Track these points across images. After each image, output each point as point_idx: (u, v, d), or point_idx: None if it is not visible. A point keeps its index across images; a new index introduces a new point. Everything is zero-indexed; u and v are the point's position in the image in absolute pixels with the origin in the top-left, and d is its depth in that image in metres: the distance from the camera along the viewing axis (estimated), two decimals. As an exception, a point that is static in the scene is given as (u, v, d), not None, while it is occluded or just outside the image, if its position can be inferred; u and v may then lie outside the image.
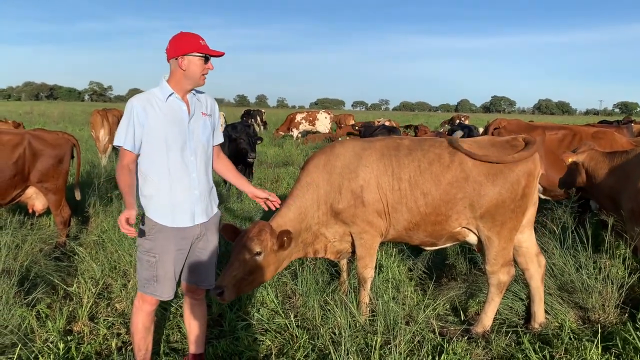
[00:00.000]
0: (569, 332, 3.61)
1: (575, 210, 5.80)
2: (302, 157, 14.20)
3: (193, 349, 3.27)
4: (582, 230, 4.54)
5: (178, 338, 3.72)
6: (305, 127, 21.26)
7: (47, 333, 3.60)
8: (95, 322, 3.83)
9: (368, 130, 10.51)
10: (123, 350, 3.49)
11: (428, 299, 4.08)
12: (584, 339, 3.50)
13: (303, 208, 3.76)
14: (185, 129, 2.95)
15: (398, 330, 3.46)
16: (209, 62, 2.95)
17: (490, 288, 3.77)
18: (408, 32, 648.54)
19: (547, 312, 3.93)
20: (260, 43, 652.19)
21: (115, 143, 2.90)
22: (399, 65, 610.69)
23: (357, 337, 3.52)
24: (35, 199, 5.77)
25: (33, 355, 3.26)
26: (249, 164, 8.60)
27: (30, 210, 5.86)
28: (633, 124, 10.62)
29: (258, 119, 24.96)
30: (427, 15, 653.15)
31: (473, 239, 3.82)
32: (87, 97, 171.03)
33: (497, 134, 6.70)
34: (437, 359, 3.31)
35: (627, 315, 3.96)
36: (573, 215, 5.41)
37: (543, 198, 6.07)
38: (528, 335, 3.55)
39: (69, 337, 3.58)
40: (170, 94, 2.92)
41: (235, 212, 7.10)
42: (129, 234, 2.82)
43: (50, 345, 3.41)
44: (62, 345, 3.37)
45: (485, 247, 3.70)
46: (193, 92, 3.02)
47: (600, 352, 3.27)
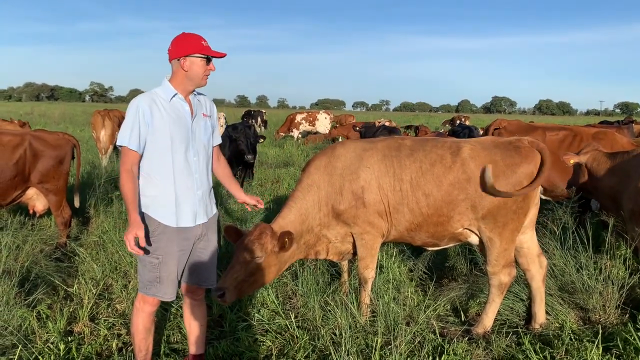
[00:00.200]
0: (570, 332, 3.60)
1: (576, 211, 5.79)
2: (302, 157, 14.20)
3: (193, 350, 3.27)
4: (582, 231, 4.54)
5: (178, 339, 3.72)
6: (305, 127, 21.26)
7: (47, 334, 3.60)
8: (96, 322, 3.83)
9: (369, 131, 10.48)
10: (124, 351, 3.49)
11: (428, 300, 4.07)
12: (585, 340, 3.49)
13: (304, 210, 3.75)
14: (189, 130, 2.96)
15: (398, 331, 3.46)
16: (211, 63, 2.95)
17: (491, 289, 3.77)
18: (408, 32, 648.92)
19: (547, 312, 3.92)
20: (261, 43, 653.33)
21: (119, 143, 2.85)
22: (400, 66, 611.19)
23: (357, 337, 3.52)
24: (36, 200, 5.77)
25: (33, 356, 3.26)
26: (249, 165, 8.60)
27: (31, 211, 5.86)
28: (634, 124, 10.62)
29: (259, 120, 25.00)
30: (427, 16, 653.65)
31: (475, 240, 3.82)
32: (87, 97, 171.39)
33: (497, 135, 6.70)
34: (437, 360, 3.31)
35: (627, 316, 3.96)
36: (573, 216, 5.40)
37: (543, 198, 6.06)
38: (529, 336, 3.55)
39: (70, 337, 3.58)
40: (174, 95, 2.93)
41: (235, 212, 7.10)
42: (137, 253, 2.80)
43: (51, 346, 3.41)
44: (62, 346, 3.38)
45: (487, 248, 3.70)
46: (194, 93, 3.04)
47: (601, 352, 3.26)
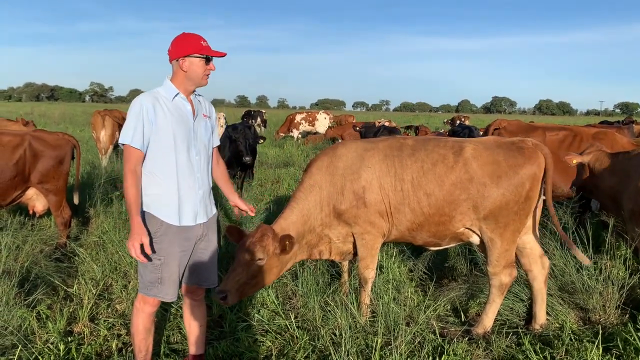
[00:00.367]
0: (570, 333, 3.60)
1: (576, 211, 5.79)
2: (302, 157, 14.19)
3: (193, 350, 3.27)
4: (582, 231, 4.54)
5: (178, 339, 3.72)
6: (305, 127, 21.26)
7: (47, 334, 3.60)
8: (96, 323, 3.83)
9: (369, 131, 10.47)
10: (123, 352, 3.49)
11: (428, 300, 4.07)
12: (585, 340, 3.49)
13: (306, 210, 3.76)
14: (191, 129, 2.98)
15: (398, 331, 3.46)
16: (211, 62, 2.96)
17: (492, 289, 3.76)
18: (408, 32, 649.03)
19: (547, 313, 3.92)
20: (261, 43, 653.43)
21: (122, 141, 2.84)
22: (400, 66, 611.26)
23: (357, 338, 3.52)
24: (36, 200, 5.77)
25: (33, 357, 3.25)
26: (248, 165, 8.60)
27: (31, 211, 5.85)
28: (634, 125, 10.62)
29: (258, 120, 24.99)
30: (427, 16, 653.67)
31: (476, 240, 3.82)
32: (87, 97, 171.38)
33: (497, 135, 6.70)
34: (437, 360, 3.31)
35: (627, 316, 3.95)
36: (574, 216, 5.40)
37: (543, 199, 6.06)
38: (529, 336, 3.55)
39: (70, 338, 3.57)
40: (176, 94, 2.95)
41: (234, 213, 7.09)
42: (142, 261, 2.80)
43: (51, 346, 3.41)
44: (62, 346, 3.37)
45: (488, 248, 3.69)
46: (195, 93, 3.06)
47: (601, 353, 3.26)
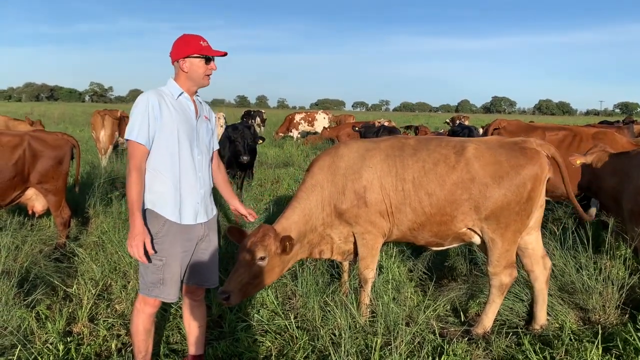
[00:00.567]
0: (570, 333, 3.60)
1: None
2: (302, 157, 14.18)
3: (193, 351, 3.27)
4: (582, 231, 4.54)
5: (178, 339, 3.72)
6: (305, 127, 21.26)
7: (46, 334, 3.59)
8: (95, 323, 3.82)
9: (369, 131, 10.46)
10: (123, 352, 3.49)
11: (428, 300, 4.07)
12: (585, 340, 3.49)
13: (308, 210, 3.77)
14: (194, 128, 3.00)
15: (398, 332, 3.45)
16: (212, 62, 2.97)
17: (492, 289, 3.76)
18: (408, 32, 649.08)
19: (547, 313, 3.91)
20: (261, 43, 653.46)
21: (127, 136, 2.83)
22: (400, 66, 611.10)
23: (357, 338, 3.52)
24: (35, 200, 5.76)
25: (32, 357, 3.25)
26: (247, 165, 8.62)
27: (30, 212, 5.85)
28: (634, 124, 10.61)
29: (258, 120, 24.98)
30: (427, 16, 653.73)
31: (478, 241, 3.81)
32: (87, 98, 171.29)
33: (496, 135, 6.68)
34: (437, 360, 3.31)
35: (627, 316, 3.95)
36: (573, 216, 5.40)
37: (546, 199, 6.05)
38: (528, 337, 3.54)
39: (69, 338, 3.57)
40: (181, 93, 2.97)
41: (235, 216, 7.08)
42: (144, 262, 2.79)
43: (50, 347, 3.40)
44: (61, 347, 3.37)
45: (489, 248, 3.69)
46: (197, 95, 3.09)
47: (601, 353, 3.26)
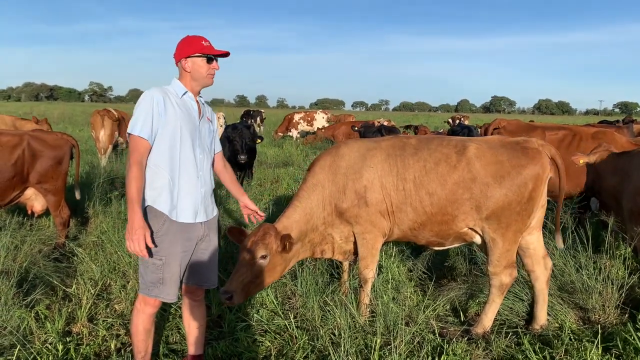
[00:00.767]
0: (569, 332, 3.60)
1: (576, 211, 5.79)
2: (302, 157, 14.17)
3: (192, 350, 3.27)
4: (582, 231, 4.54)
5: (177, 339, 3.71)
6: (304, 127, 21.26)
7: (46, 334, 3.59)
8: (95, 323, 3.82)
9: (368, 131, 10.44)
10: (122, 352, 3.48)
11: (428, 300, 4.07)
12: (584, 340, 3.49)
13: (309, 209, 3.77)
14: (196, 128, 3.01)
15: (398, 331, 3.45)
16: (214, 62, 2.98)
17: (492, 289, 3.75)
18: (408, 32, 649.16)
19: (547, 312, 3.91)
20: (261, 43, 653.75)
21: (129, 131, 2.82)
22: (399, 66, 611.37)
23: (356, 338, 3.51)
24: (35, 200, 5.76)
25: (32, 357, 3.24)
26: (246, 165, 8.62)
27: (30, 211, 5.84)
28: (634, 124, 10.62)
29: (258, 119, 24.98)
30: (427, 16, 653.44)
31: (479, 240, 3.80)
32: (87, 97, 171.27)
33: (496, 135, 6.68)
34: (437, 360, 3.30)
35: (627, 316, 3.95)
36: (573, 216, 5.40)
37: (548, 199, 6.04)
38: (528, 336, 3.54)
39: (68, 338, 3.56)
40: (185, 92, 2.99)
41: (234, 212, 7.09)
42: (144, 257, 2.78)
43: (49, 347, 3.40)
44: (61, 347, 3.36)
45: (489, 248, 3.68)
46: (200, 96, 3.10)
47: (601, 352, 3.26)
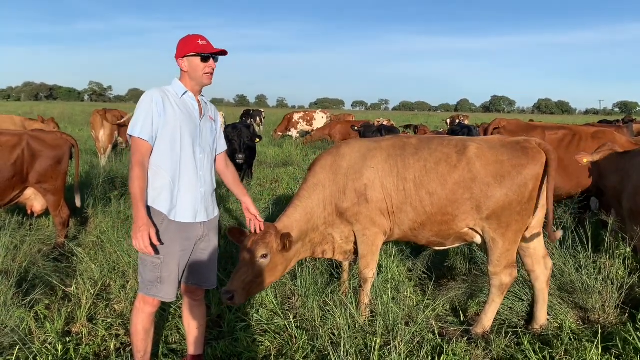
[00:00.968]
0: (569, 332, 3.60)
1: (575, 210, 5.79)
2: (301, 157, 14.17)
3: (192, 350, 3.26)
4: (582, 231, 4.53)
5: (177, 339, 3.71)
6: (303, 127, 21.26)
7: (45, 334, 3.58)
8: (94, 323, 3.81)
9: (368, 130, 10.44)
10: (122, 352, 3.48)
11: (428, 300, 4.07)
12: (584, 340, 3.49)
13: (309, 208, 3.78)
14: (197, 127, 3.00)
15: (397, 331, 3.45)
16: (210, 60, 2.96)
17: (492, 289, 3.75)
18: (408, 32, 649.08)
19: (547, 312, 3.91)
20: (261, 43, 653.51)
21: (130, 132, 2.84)
22: (399, 65, 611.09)
23: (356, 338, 3.51)
24: (34, 200, 5.76)
25: (31, 357, 3.24)
26: (245, 164, 8.63)
27: (29, 211, 5.84)
28: (633, 123, 10.62)
29: (257, 119, 24.98)
30: (427, 15, 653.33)
31: (480, 240, 3.80)
32: (86, 97, 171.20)
33: (496, 134, 6.68)
34: (436, 360, 3.30)
35: (627, 316, 3.95)
36: (573, 215, 5.40)
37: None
38: (528, 336, 3.54)
39: (68, 338, 3.56)
40: (185, 92, 2.99)
41: (235, 212, 7.09)
42: (149, 253, 2.78)
43: (49, 347, 3.39)
44: (60, 347, 3.36)
45: (489, 248, 3.68)
46: (202, 95, 3.10)
47: (601, 352, 3.26)
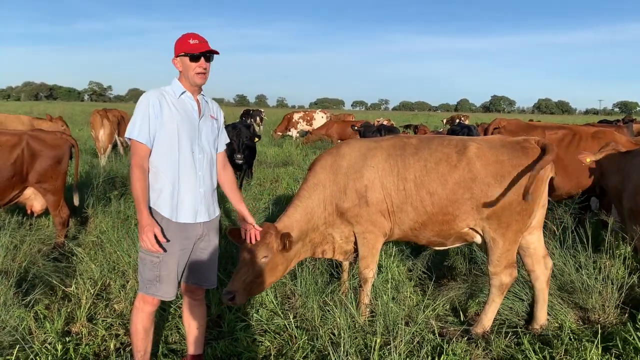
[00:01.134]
0: (569, 332, 3.60)
1: (576, 210, 5.79)
2: (301, 157, 14.17)
3: (192, 350, 3.26)
4: (582, 230, 4.53)
5: (177, 339, 3.71)
6: (303, 127, 21.26)
7: (45, 334, 3.58)
8: (94, 323, 3.81)
9: (368, 130, 10.43)
10: (121, 352, 3.48)
11: (428, 300, 4.06)
12: (584, 340, 3.49)
13: (310, 208, 3.78)
14: (195, 128, 3.00)
15: (397, 331, 3.45)
16: (201, 60, 2.93)
17: (492, 289, 3.75)
18: (408, 31, 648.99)
19: (547, 312, 3.90)
20: (260, 43, 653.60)
21: (127, 135, 2.88)
22: (399, 65, 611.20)
23: (356, 337, 3.51)
24: (34, 200, 5.75)
25: (31, 357, 3.24)
26: (245, 164, 8.63)
27: (29, 211, 5.84)
28: (633, 123, 10.61)
29: (257, 119, 24.98)
30: (427, 15, 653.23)
31: (480, 240, 3.79)
32: (86, 97, 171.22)
33: (497, 134, 6.67)
34: (436, 360, 3.30)
35: (627, 316, 3.95)
36: (573, 215, 5.40)
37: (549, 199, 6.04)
38: (528, 336, 3.54)
39: (67, 338, 3.56)
40: (183, 92, 2.99)
41: (235, 212, 7.08)
42: (158, 252, 2.80)
43: (49, 347, 3.39)
44: (60, 347, 3.36)
45: (490, 248, 3.67)
46: (202, 94, 3.10)
47: (601, 352, 3.25)
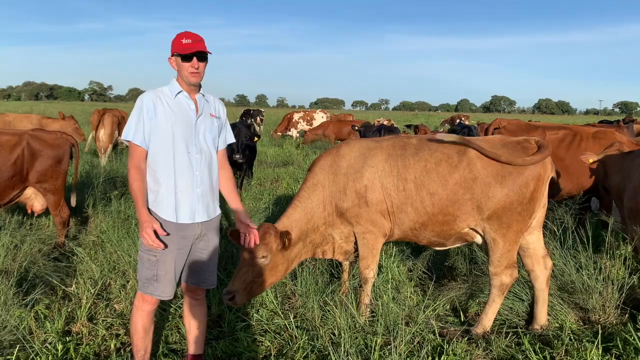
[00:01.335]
0: (570, 332, 3.60)
1: (576, 211, 5.78)
2: (301, 156, 14.17)
3: (192, 350, 3.26)
4: (582, 231, 4.53)
5: (177, 339, 3.71)
6: (303, 126, 21.27)
7: (45, 334, 3.58)
8: (94, 322, 3.81)
9: (368, 130, 10.44)
10: (122, 351, 3.48)
11: (428, 300, 4.06)
12: (585, 340, 3.49)
13: (309, 209, 3.78)
14: (192, 127, 2.99)
15: (398, 331, 3.45)
16: (193, 59, 2.91)
17: (492, 289, 3.75)
18: (408, 32, 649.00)
19: (547, 312, 3.91)
20: (260, 42, 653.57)
21: (123, 137, 2.95)
22: (399, 65, 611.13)
23: (356, 338, 3.51)
24: (34, 200, 5.75)
25: (31, 356, 3.24)
26: (244, 164, 8.64)
27: (29, 211, 5.83)
28: (634, 123, 10.61)
29: (257, 119, 24.97)
30: (426, 15, 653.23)
31: (481, 240, 3.79)
32: (87, 96, 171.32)
33: (497, 134, 6.67)
34: (437, 360, 3.30)
35: (627, 316, 3.95)
36: (573, 216, 5.39)
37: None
38: (528, 336, 3.54)
39: (68, 338, 3.56)
40: (179, 92, 2.99)
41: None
42: (159, 247, 2.83)
43: (49, 346, 3.39)
44: (60, 346, 3.36)
45: (490, 248, 3.67)
46: (202, 93, 3.08)
47: (601, 353, 3.25)
